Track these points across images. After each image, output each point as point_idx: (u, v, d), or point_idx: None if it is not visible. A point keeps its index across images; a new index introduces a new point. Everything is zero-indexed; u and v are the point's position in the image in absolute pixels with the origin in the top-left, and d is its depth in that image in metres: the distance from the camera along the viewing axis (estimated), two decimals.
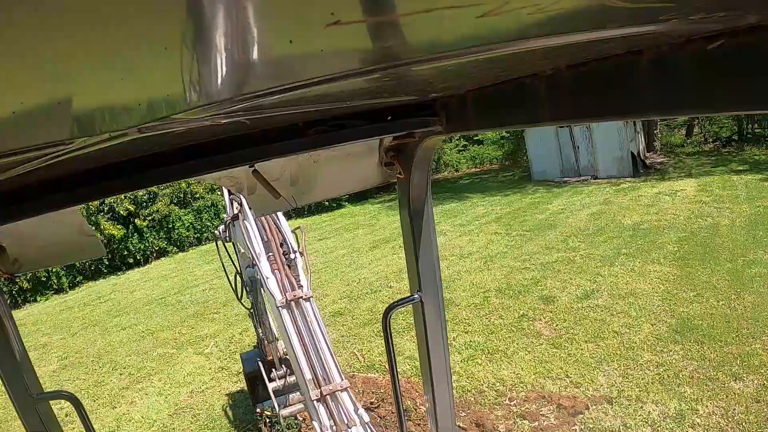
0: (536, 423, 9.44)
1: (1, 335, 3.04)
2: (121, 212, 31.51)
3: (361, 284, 19.11)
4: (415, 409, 10.42)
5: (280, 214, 7.28)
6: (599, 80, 1.48)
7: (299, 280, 6.35)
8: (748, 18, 0.99)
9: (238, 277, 9.33)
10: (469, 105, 2.15)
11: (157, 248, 33.77)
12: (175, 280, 26.65)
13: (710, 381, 9.62)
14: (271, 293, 6.10)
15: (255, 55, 0.95)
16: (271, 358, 9.76)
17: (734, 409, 8.71)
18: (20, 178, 1.69)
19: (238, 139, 2.21)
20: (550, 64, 1.60)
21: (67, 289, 29.53)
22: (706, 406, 8.92)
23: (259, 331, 10.02)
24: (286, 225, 7.16)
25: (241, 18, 0.77)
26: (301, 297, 6.05)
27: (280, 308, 5.96)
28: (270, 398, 8.98)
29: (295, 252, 6.77)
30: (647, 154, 34.33)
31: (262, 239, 6.82)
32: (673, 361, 10.53)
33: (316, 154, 3.11)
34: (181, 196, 35.19)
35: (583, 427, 9.03)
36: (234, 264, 9.37)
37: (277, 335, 9.46)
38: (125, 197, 31.26)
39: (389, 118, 2.42)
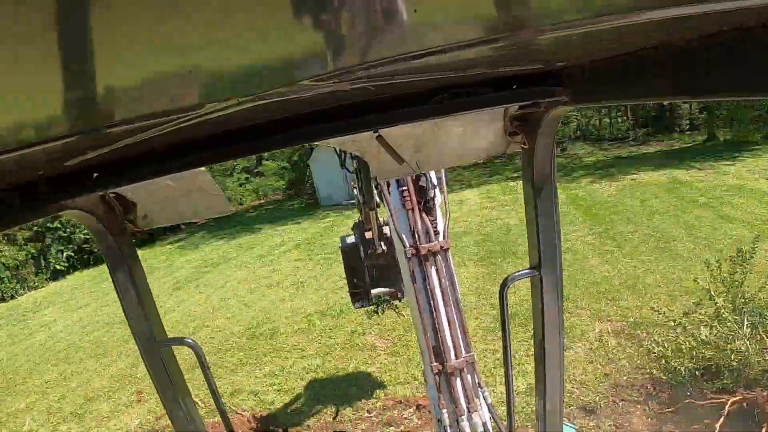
0: (402, 427, 9.79)
1: (130, 285, 3.26)
2: None
3: (174, 329, 18.38)
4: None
5: None
6: (732, 54, 1.38)
7: (436, 225, 5.23)
8: None
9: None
10: (595, 76, 2.11)
11: None
12: None
13: None
14: (399, 237, 5.07)
15: (380, 23, 0.98)
16: (370, 235, 9.04)
17: (574, 373, 9.71)
18: (152, 140, 1.70)
19: (363, 105, 2.20)
20: (680, 34, 1.51)
21: None
22: None
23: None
24: None
25: None
26: (439, 248, 5.05)
27: (408, 259, 4.99)
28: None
29: (435, 187, 5.40)
30: None
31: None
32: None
33: (440, 122, 3.06)
34: None
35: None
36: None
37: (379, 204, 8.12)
38: None
39: (514, 87, 2.35)
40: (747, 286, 8.97)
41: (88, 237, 36.44)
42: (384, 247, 8.92)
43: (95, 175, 2.15)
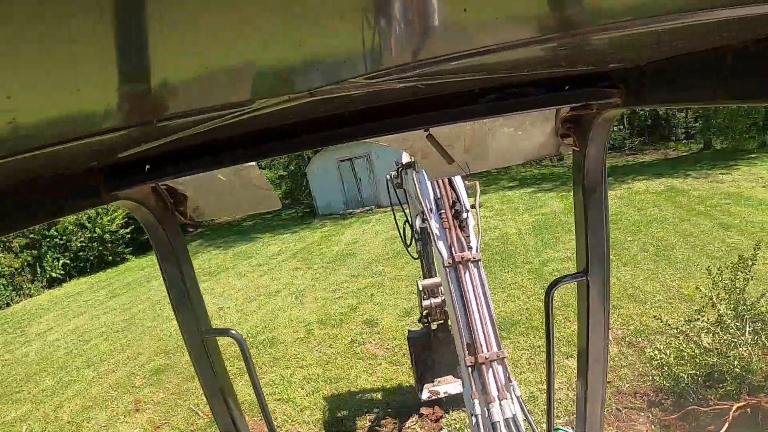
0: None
1: (177, 275, 3.40)
2: None
3: (173, 338, 18.34)
4: None
5: None
6: None
7: (469, 241, 5.88)
8: None
9: (407, 227, 9.06)
10: (649, 78, 2.09)
11: None
12: None
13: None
14: (439, 252, 5.71)
15: (431, 22, 0.99)
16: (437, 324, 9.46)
17: (574, 381, 9.64)
18: (204, 133, 1.74)
19: (414, 104, 2.21)
20: (737, 37, 1.49)
21: None
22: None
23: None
24: (460, 182, 6.51)
25: None
26: (470, 258, 5.63)
27: (447, 268, 5.57)
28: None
29: (467, 211, 6.20)
30: None
31: (435, 196, 6.34)
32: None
33: (491, 122, 3.07)
34: None
35: (448, 430, 9.51)
36: (404, 211, 9.00)
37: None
38: None
39: (566, 88, 2.35)
40: (748, 292, 8.98)
41: (84, 245, 36.37)
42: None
43: (147, 166, 2.21)
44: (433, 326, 9.62)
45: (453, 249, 5.71)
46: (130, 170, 2.22)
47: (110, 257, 37.44)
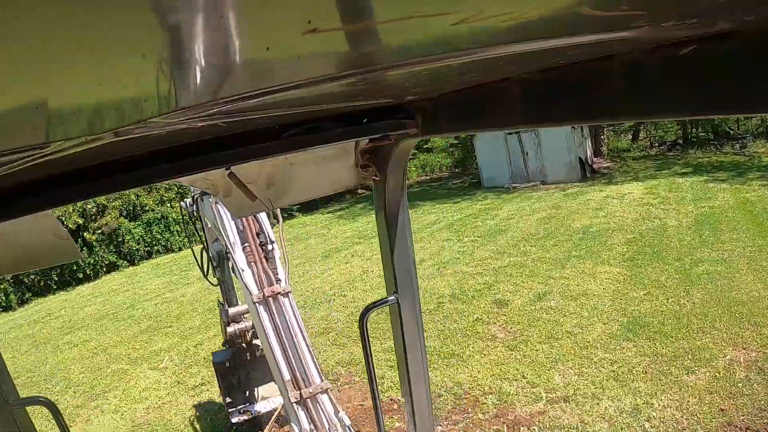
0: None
1: None
2: (70, 226, 30.50)
3: (315, 294, 19.02)
4: None
5: None
6: (571, 85, 1.50)
7: (277, 274, 6.03)
8: (720, 24, 1.01)
9: (204, 253, 9.12)
10: (444, 108, 2.17)
11: (107, 262, 33.15)
12: (126, 294, 26.15)
13: (663, 375, 9.88)
14: (246, 287, 5.80)
15: (232, 60, 0.96)
16: (240, 345, 9.65)
17: (688, 402, 8.95)
18: None
19: (214, 142, 2.21)
20: (523, 68, 1.62)
21: (16, 307, 28.82)
22: (661, 400, 9.14)
23: (225, 312, 9.57)
24: (263, 214, 6.69)
25: (218, 26, 0.79)
26: (279, 292, 5.74)
27: (256, 304, 5.66)
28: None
29: (272, 243, 6.37)
30: (594, 159, 34.98)
31: (237, 228, 6.44)
32: (627, 358, 10.76)
33: (292, 157, 3.12)
34: (131, 208, 34.64)
35: (542, 425, 9.18)
36: (201, 239, 9.14)
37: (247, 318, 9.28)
38: (73, 209, 30.55)
39: (365, 120, 2.42)
40: None
41: None
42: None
43: None
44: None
45: (261, 283, 5.77)
46: None
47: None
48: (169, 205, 35.84)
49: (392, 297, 3.59)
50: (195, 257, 9.41)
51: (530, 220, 23.83)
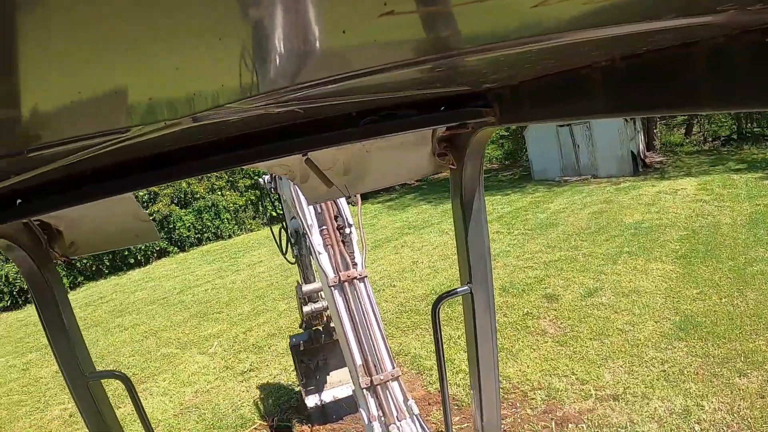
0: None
1: (56, 316, 3.24)
2: None
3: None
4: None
5: None
6: (654, 72, 1.45)
7: (354, 258, 5.89)
8: None
9: (282, 232, 9.21)
10: (523, 96, 2.14)
11: (158, 248, 33.81)
12: (176, 280, 26.67)
13: (715, 377, 9.66)
14: (323, 271, 5.69)
15: (308, 45, 0.96)
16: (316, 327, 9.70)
17: (739, 405, 8.74)
18: (77, 164, 1.72)
19: (292, 128, 2.21)
20: (605, 55, 1.57)
21: (68, 290, 29.35)
22: (712, 402, 8.94)
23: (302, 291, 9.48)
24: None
25: (295, 9, 0.79)
26: (356, 276, 5.63)
27: (332, 288, 5.55)
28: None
29: (350, 226, 6.24)
30: (647, 153, 34.33)
31: (315, 211, 6.29)
32: (678, 357, 10.56)
33: (369, 144, 3.12)
34: (182, 196, 35.24)
35: (590, 423, 9.08)
36: (279, 215, 9.28)
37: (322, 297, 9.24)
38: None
39: (442, 108, 2.40)
40: None
41: None
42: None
43: (18, 201, 2.13)
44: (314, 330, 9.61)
45: (337, 267, 5.62)
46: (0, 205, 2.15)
47: None
48: (219, 192, 36.36)
49: (465, 287, 3.55)
50: (273, 234, 9.49)
51: (581, 214, 23.49)
